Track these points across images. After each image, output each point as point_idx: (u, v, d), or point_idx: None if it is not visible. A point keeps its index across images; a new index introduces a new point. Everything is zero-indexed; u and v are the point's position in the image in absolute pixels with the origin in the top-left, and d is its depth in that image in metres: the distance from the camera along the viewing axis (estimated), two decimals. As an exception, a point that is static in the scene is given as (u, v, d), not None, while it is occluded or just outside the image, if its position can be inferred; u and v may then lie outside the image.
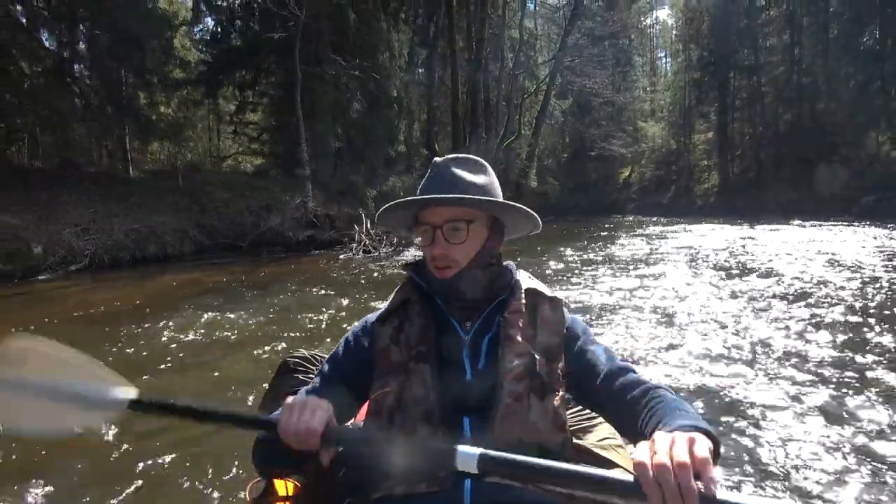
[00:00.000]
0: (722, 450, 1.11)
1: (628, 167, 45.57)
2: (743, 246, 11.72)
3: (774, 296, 6.15)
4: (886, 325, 4.73)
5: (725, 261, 9.44)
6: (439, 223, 1.27)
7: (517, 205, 1.33)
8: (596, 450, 1.45)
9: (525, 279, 1.37)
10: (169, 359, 4.50)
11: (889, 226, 15.53)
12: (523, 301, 1.31)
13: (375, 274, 9.19)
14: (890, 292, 6.06)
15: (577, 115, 36.52)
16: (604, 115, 38.58)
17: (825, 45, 34.69)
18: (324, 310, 6.07)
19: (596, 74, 32.52)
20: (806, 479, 2.42)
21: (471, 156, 1.38)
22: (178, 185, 13.59)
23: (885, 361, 3.85)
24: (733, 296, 6.27)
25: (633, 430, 1.12)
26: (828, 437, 2.79)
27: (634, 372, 1.23)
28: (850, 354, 4.03)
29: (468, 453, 0.91)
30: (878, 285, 6.48)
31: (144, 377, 4.01)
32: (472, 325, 1.29)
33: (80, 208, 11.18)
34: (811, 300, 5.81)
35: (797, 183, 33.69)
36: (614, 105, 40.01)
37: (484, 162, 1.39)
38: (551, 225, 20.83)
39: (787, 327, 4.85)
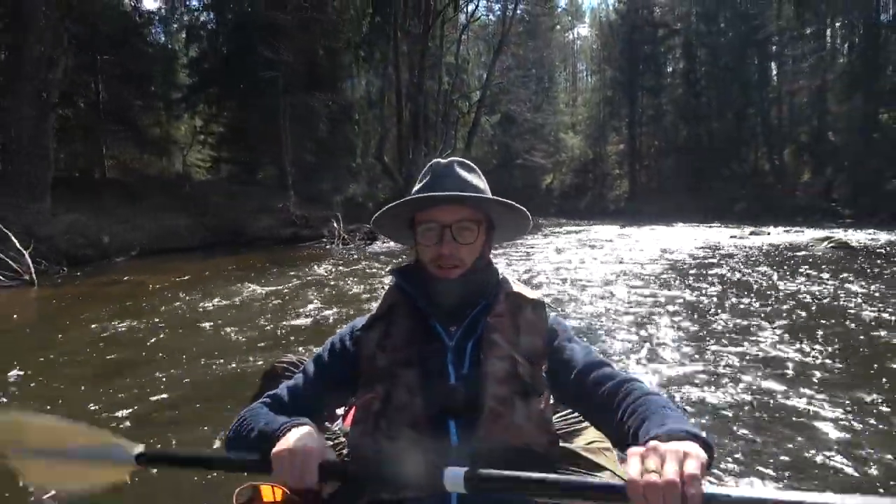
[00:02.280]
0: (716, 454, 1.06)
1: (550, 175, 50.18)
2: (635, 240, 15.97)
3: (650, 274, 10.20)
4: (716, 287, 8.81)
5: (618, 250, 13.30)
6: (448, 222, 1.28)
7: (526, 213, 1.38)
8: (584, 453, 1.45)
9: (509, 282, 1.38)
10: (212, 318, 6.13)
11: (744, 227, 20.10)
12: (506, 305, 1.31)
13: (354, 256, 12.89)
14: (729, 270, 10.27)
15: (504, 129, 40.85)
16: (527, 129, 42.90)
17: (716, 73, 39.55)
18: (323, 280, 9.31)
19: (520, 94, 37.14)
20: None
21: (465, 160, 1.40)
22: (185, 191, 16.81)
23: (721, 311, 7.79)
24: (621, 274, 9.67)
25: (611, 426, 1.14)
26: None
27: (610, 366, 1.24)
28: (703, 309, 7.68)
29: (454, 473, 0.94)
30: (720, 267, 10.70)
31: (204, 324, 5.64)
32: (457, 331, 1.30)
33: (120, 208, 14.28)
34: (670, 278, 9.92)
35: (693, 191, 38.65)
36: (539, 116, 44.51)
37: (475, 166, 1.41)
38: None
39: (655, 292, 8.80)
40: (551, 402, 1.30)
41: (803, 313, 5.70)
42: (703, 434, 0.93)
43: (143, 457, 1.12)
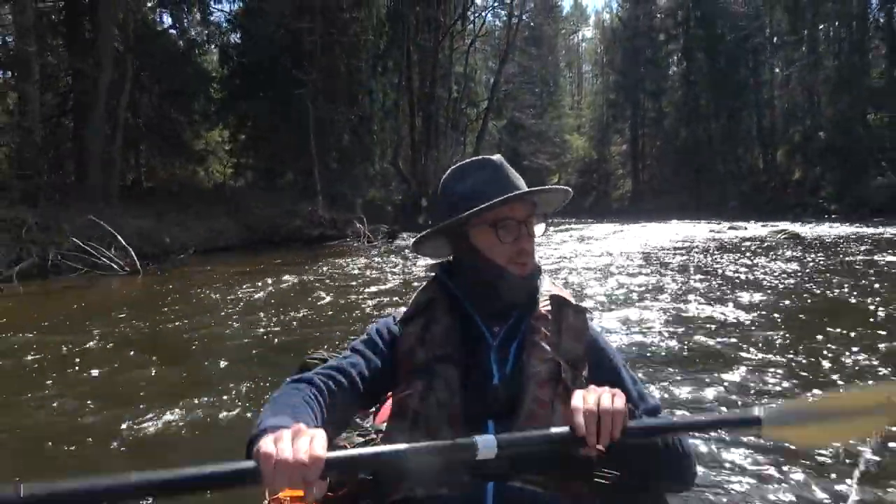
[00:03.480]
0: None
1: (556, 175, 52.11)
2: (624, 236, 17.91)
3: (644, 262, 12.19)
4: (701, 275, 10.80)
5: (621, 246, 14.85)
6: (522, 218, 1.28)
7: (569, 189, 1.40)
8: None
9: (548, 284, 1.38)
10: (264, 302, 8.53)
11: (724, 223, 21.91)
12: (549, 307, 1.32)
13: (380, 251, 14.95)
14: (688, 256, 12.24)
15: (510, 133, 42.89)
16: (533, 132, 44.94)
17: (714, 76, 41.13)
18: (357, 270, 11.39)
19: (526, 99, 39.21)
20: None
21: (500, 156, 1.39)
22: (223, 197, 18.92)
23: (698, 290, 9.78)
24: (597, 262, 12.23)
25: (643, 477, 1.25)
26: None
27: (658, 409, 1.29)
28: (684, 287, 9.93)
29: (487, 440, 0.94)
30: (704, 258, 12.67)
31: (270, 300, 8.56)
32: (501, 330, 1.30)
33: (171, 213, 16.35)
34: (635, 264, 11.91)
35: (691, 189, 40.48)
36: (542, 122, 46.56)
37: None
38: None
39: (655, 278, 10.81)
40: None
41: (731, 284, 7.65)
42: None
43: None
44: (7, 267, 9.63)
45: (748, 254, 11.36)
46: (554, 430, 1.03)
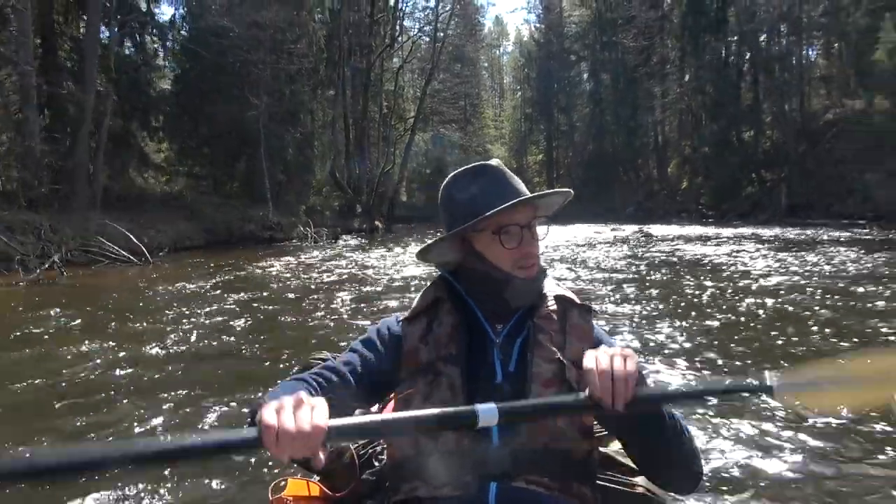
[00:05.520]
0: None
1: (478, 182, 55.76)
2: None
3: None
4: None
5: None
6: (525, 222, 1.30)
7: (570, 191, 1.41)
8: (619, 457, 1.46)
9: (552, 284, 1.40)
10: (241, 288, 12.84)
11: (625, 225, 26.15)
12: (554, 307, 1.33)
13: (327, 251, 18.14)
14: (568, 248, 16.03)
15: (436, 144, 46.55)
16: (457, 144, 48.66)
17: (616, 95, 45.49)
18: (307, 263, 14.85)
19: (449, 113, 43.17)
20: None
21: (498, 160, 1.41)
22: (183, 204, 21.59)
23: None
24: None
25: (648, 472, 1.28)
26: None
27: None
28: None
29: (489, 408, 0.95)
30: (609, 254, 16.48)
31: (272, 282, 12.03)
32: (504, 329, 1.31)
33: (142, 218, 18.91)
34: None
35: (598, 196, 45.05)
36: (465, 133, 50.34)
37: None
38: (420, 227, 30.96)
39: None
40: None
41: (584, 267, 11.36)
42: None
43: None
44: (39, 261, 12.29)
45: (606, 246, 15.29)
46: (563, 396, 1.05)
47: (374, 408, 1.56)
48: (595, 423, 1.39)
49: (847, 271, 9.11)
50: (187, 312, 7.00)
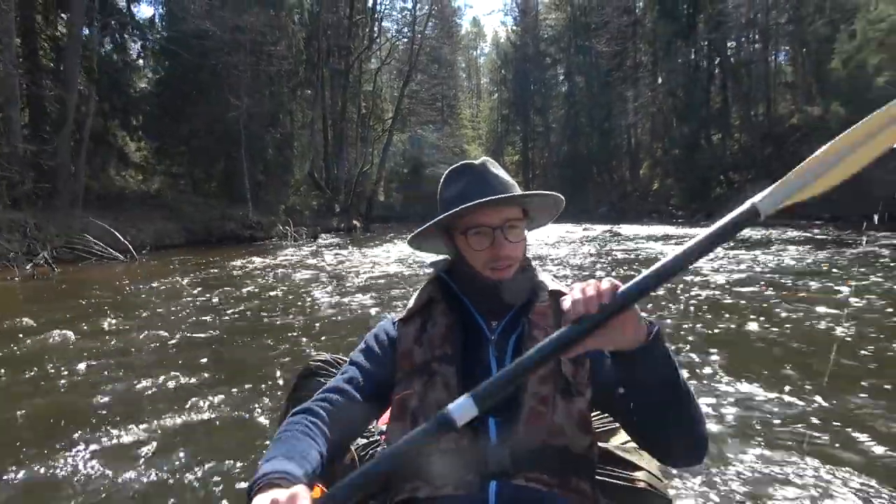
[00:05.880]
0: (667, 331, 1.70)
1: (455, 183, 56.33)
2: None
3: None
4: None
5: None
6: (498, 224, 1.28)
7: (561, 196, 1.39)
8: (619, 453, 1.46)
9: (548, 280, 1.39)
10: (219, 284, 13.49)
11: (597, 225, 26.97)
12: (548, 302, 1.32)
13: (303, 250, 18.61)
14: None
15: (413, 144, 47.07)
16: (434, 144, 49.25)
17: (590, 97, 46.40)
18: (288, 261, 15.35)
19: (426, 114, 43.77)
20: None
21: (490, 158, 1.42)
22: (163, 203, 21.87)
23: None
24: None
25: (655, 442, 1.20)
26: None
27: None
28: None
29: (460, 404, 0.93)
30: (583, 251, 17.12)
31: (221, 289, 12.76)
32: (499, 325, 1.31)
33: (123, 216, 19.20)
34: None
35: (572, 196, 45.53)
36: (442, 134, 50.90)
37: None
38: (398, 226, 31.53)
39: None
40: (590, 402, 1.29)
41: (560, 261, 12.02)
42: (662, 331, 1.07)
43: None
44: (26, 258, 12.63)
45: (575, 245, 16.00)
46: (538, 344, 0.96)
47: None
48: (594, 415, 1.39)
49: (782, 266, 9.89)
50: (178, 307, 7.49)
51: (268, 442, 1.39)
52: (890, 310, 5.92)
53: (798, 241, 15.03)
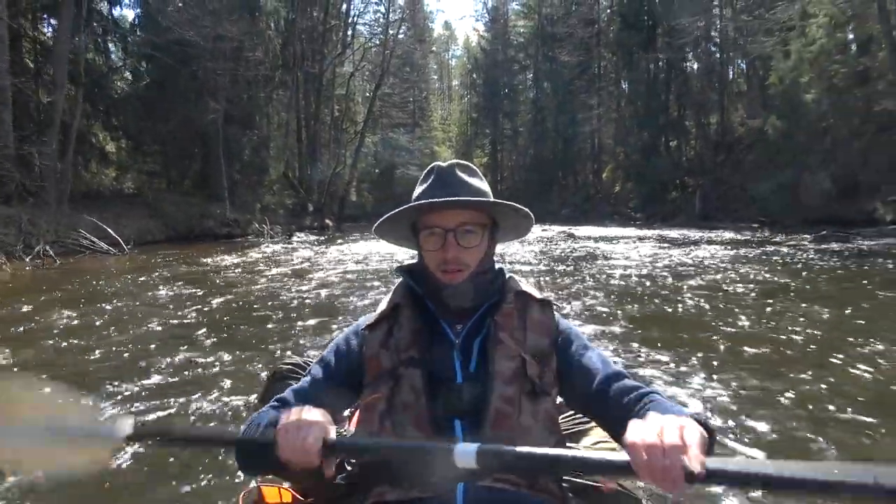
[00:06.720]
0: (718, 437, 1.09)
1: (427, 184, 57.50)
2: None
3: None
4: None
5: None
6: (451, 226, 1.29)
7: (528, 212, 1.38)
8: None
9: (515, 282, 1.40)
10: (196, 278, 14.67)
11: (556, 226, 28.43)
12: (513, 304, 1.33)
13: (278, 246, 19.80)
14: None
15: (385, 146, 48.26)
16: (405, 146, 50.46)
17: (556, 103, 47.69)
18: (266, 257, 16.54)
19: (398, 117, 45.15)
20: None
21: (465, 161, 1.42)
22: (143, 201, 22.83)
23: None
24: None
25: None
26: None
27: (629, 378, 1.25)
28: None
29: (466, 450, 0.93)
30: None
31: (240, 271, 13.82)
32: (463, 328, 1.31)
33: (105, 212, 20.14)
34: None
35: (538, 198, 47.42)
36: (413, 136, 52.10)
37: (476, 167, 1.42)
38: (369, 225, 32.62)
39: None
40: (557, 402, 1.31)
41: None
42: (709, 423, 0.99)
43: (135, 435, 1.10)
44: (23, 252, 13.66)
45: (529, 245, 17.50)
46: (562, 451, 0.94)
47: (346, 412, 1.68)
48: (566, 416, 1.52)
49: (706, 263, 11.45)
50: (171, 294, 8.67)
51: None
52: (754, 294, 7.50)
53: (727, 242, 16.66)
